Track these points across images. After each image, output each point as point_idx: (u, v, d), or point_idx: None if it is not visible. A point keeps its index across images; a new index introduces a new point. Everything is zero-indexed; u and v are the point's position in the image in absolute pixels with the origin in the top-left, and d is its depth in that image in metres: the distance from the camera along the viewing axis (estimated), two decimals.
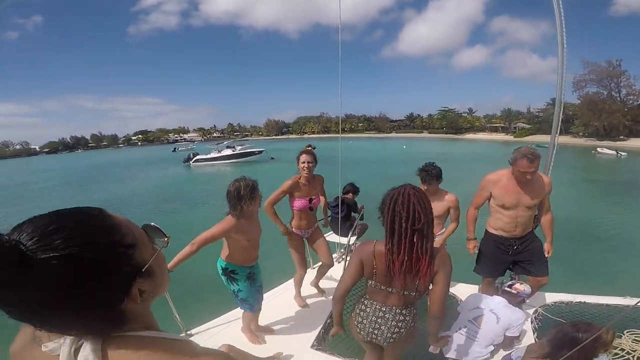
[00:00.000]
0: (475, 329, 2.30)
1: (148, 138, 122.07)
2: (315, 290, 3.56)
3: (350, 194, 4.57)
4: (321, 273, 3.51)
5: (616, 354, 2.32)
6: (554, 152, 3.39)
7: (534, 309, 3.04)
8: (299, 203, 3.10)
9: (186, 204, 16.53)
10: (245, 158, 36.06)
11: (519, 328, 2.31)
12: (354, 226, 4.15)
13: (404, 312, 1.73)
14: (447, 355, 2.38)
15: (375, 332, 1.75)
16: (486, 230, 2.98)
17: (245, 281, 2.57)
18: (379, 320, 1.74)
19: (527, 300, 2.79)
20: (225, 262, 2.55)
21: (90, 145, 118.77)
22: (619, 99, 52.74)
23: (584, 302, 3.09)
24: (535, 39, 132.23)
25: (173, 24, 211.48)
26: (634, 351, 2.38)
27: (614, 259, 7.60)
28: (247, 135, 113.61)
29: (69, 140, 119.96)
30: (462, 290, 3.32)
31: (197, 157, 36.09)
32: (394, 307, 1.72)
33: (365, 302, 1.80)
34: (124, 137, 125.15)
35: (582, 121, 52.41)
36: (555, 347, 1.70)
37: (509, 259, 2.89)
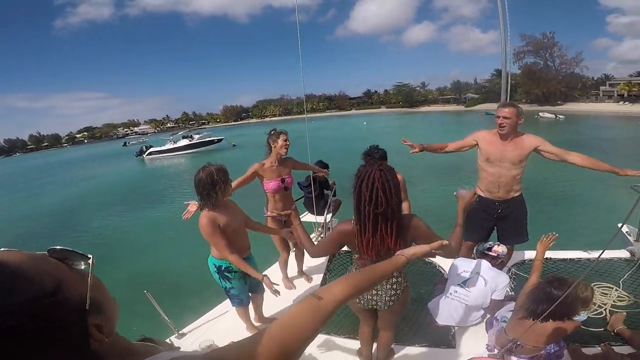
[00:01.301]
0: (465, 293, 2.34)
1: (94, 135, 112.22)
2: (298, 273, 3.55)
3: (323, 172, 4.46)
4: (300, 259, 3.48)
5: (589, 308, 2.46)
6: None
7: (507, 267, 3.16)
8: (271, 184, 2.97)
9: (150, 200, 15.64)
10: (204, 147, 34.14)
11: (503, 291, 2.37)
12: (328, 204, 4.10)
13: (395, 274, 1.76)
14: (441, 323, 2.41)
15: (375, 298, 1.80)
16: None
17: (240, 280, 2.44)
18: (376, 286, 1.75)
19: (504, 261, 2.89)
20: (218, 259, 2.36)
21: (29, 147, 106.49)
22: (554, 68, 58.39)
23: (551, 258, 3.26)
24: (475, 14, 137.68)
25: (106, 15, 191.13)
26: (605, 304, 2.53)
27: (568, 214, 8.25)
28: (204, 124, 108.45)
29: (3, 144, 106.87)
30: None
31: (151, 149, 33.88)
32: None
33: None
34: (67, 135, 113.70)
35: (524, 89, 56.84)
36: (537, 304, 1.74)
37: (491, 224, 3.01)
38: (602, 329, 2.33)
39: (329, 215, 4.15)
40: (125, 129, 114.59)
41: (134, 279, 7.15)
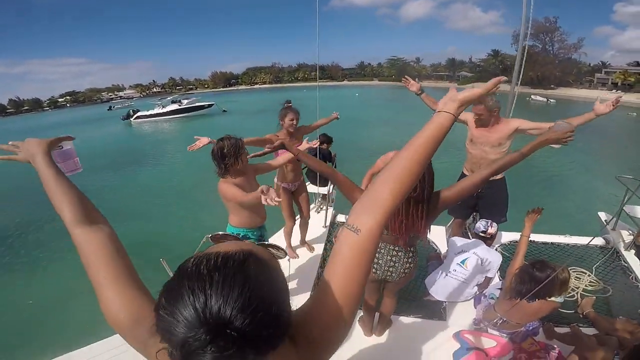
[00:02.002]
0: (463, 272, 2.56)
1: (78, 99, 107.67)
2: (301, 242, 3.73)
3: (325, 145, 4.62)
4: (304, 230, 3.65)
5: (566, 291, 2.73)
6: (515, 100, 3.49)
7: (494, 247, 3.41)
8: (282, 155, 3.05)
9: (141, 164, 15.50)
10: (194, 112, 33.75)
11: (495, 269, 2.58)
12: None
13: (412, 249, 1.97)
14: (439, 298, 2.64)
15: (390, 269, 1.97)
16: (461, 172, 3.32)
17: None
18: (393, 259, 1.94)
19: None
20: (236, 227, 2.48)
21: (8, 111, 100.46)
22: (552, 52, 58.49)
23: (534, 240, 3.52)
24: None
25: None
26: (577, 288, 2.81)
27: (554, 198, 8.63)
28: (191, 89, 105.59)
29: None
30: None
31: (139, 113, 33.14)
32: (404, 248, 1.93)
33: (381, 244, 1.95)
34: (48, 99, 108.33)
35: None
36: (522, 284, 1.97)
37: (472, 201, 3.25)
38: (573, 311, 2.61)
39: (330, 187, 4.37)
40: (110, 94, 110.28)
41: (133, 246, 7.33)
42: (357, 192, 1.73)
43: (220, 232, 0.68)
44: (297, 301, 1.99)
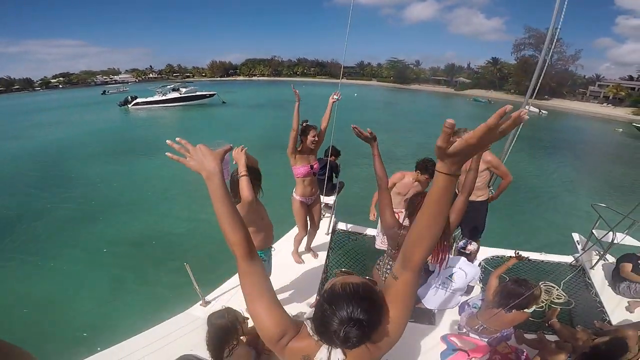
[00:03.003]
0: (451, 284, 2.98)
1: (71, 80, 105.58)
2: (306, 249, 4.11)
3: (333, 157, 4.95)
4: (311, 237, 4.03)
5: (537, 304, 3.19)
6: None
7: (478, 262, 3.87)
8: (302, 170, 3.41)
9: (140, 153, 15.30)
10: (194, 101, 33.50)
11: (476, 279, 3.05)
12: (338, 188, 4.80)
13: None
14: (429, 307, 3.08)
15: None
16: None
17: (268, 264, 2.81)
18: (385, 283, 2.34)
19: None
20: None
21: None
22: (549, 63, 57.86)
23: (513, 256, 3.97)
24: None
25: None
26: (546, 300, 3.29)
27: (534, 214, 9.17)
28: (188, 77, 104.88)
29: None
30: None
31: (137, 100, 32.81)
32: None
33: (390, 263, 2.41)
34: (40, 80, 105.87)
35: (515, 80, 57.65)
36: (503, 298, 2.41)
37: None
38: (540, 320, 3.08)
39: (334, 197, 4.77)
40: (105, 77, 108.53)
41: (135, 238, 7.41)
42: (387, 211, 2.19)
43: (344, 269, 1.10)
44: (304, 302, 2.49)
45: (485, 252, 4.10)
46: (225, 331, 2.00)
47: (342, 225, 4.62)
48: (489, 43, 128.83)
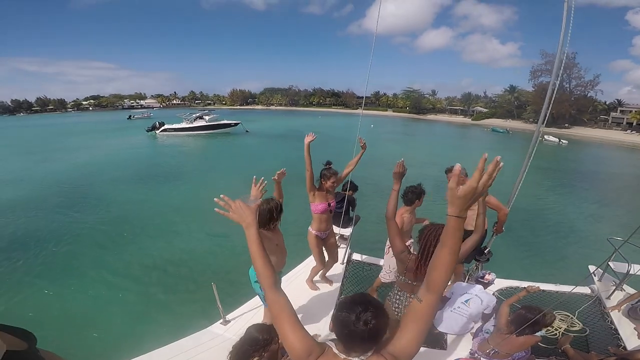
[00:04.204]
0: (466, 309, 3.08)
1: (100, 103, 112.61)
2: (321, 277, 4.23)
3: (351, 191, 5.11)
4: (328, 267, 4.18)
5: (548, 329, 3.23)
6: (537, 142, 3.79)
7: (492, 292, 3.93)
8: (320, 207, 3.65)
9: (168, 179, 15.81)
10: (219, 130, 34.58)
11: (492, 307, 3.12)
12: (354, 220, 4.94)
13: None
14: (443, 331, 3.16)
15: (402, 308, 2.51)
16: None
17: None
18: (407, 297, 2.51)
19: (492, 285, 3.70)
20: None
21: (34, 109, 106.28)
22: (568, 89, 57.04)
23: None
24: (497, 25, 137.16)
25: None
26: (559, 329, 3.32)
27: (551, 247, 9.00)
28: (209, 104, 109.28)
29: (9, 103, 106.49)
30: None
31: (166, 126, 33.97)
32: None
33: (399, 294, 2.55)
34: (73, 101, 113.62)
35: (533, 108, 56.23)
36: (517, 324, 2.52)
37: None
38: (554, 346, 3.12)
39: (350, 229, 4.92)
40: (132, 101, 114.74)
41: (161, 259, 7.78)
42: (397, 238, 2.43)
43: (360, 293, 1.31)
44: (318, 327, 2.67)
45: (500, 284, 4.15)
46: (257, 343, 2.11)
47: (357, 256, 4.77)
48: (505, 70, 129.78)
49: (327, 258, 4.08)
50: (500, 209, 3.80)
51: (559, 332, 3.29)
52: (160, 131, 33.70)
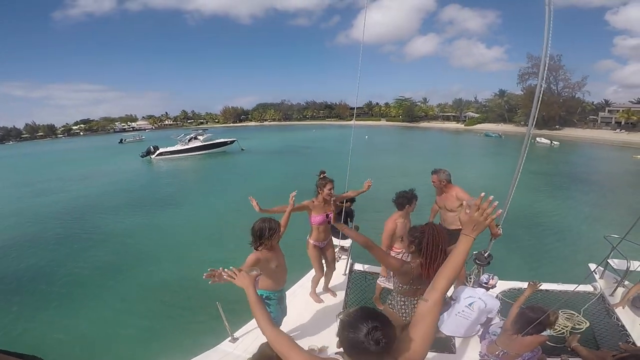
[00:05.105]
0: (470, 313, 3.12)
1: (91, 127, 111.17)
2: (324, 289, 4.28)
3: (349, 203, 5.18)
4: (328, 278, 4.22)
5: (555, 328, 3.26)
6: (528, 144, 3.57)
7: (496, 294, 3.97)
8: (318, 219, 3.75)
9: (166, 205, 15.57)
10: (215, 149, 34.28)
11: (496, 311, 3.16)
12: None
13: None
14: (448, 334, 3.19)
15: (410, 312, 2.52)
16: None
17: (277, 305, 3.06)
18: (415, 308, 2.43)
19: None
20: (260, 289, 2.92)
21: (23, 136, 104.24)
22: (556, 91, 58.23)
23: None
24: (482, 29, 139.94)
25: (107, 8, 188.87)
26: (566, 327, 3.36)
27: (551, 247, 9.09)
28: (202, 123, 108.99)
29: None
30: None
31: (160, 150, 33.21)
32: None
33: (403, 299, 2.56)
34: (62, 126, 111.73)
35: (524, 111, 56.96)
36: (521, 324, 2.54)
37: None
38: (563, 345, 3.15)
39: (350, 240, 4.93)
40: (123, 124, 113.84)
41: (166, 283, 7.82)
42: (390, 259, 2.46)
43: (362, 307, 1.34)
44: (324, 338, 2.73)
45: (503, 285, 4.20)
46: None
47: (358, 266, 4.82)
48: (492, 73, 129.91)
49: (325, 269, 4.13)
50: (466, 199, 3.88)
51: (566, 331, 3.33)
52: (156, 156, 32.96)
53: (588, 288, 4.07)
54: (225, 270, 1.79)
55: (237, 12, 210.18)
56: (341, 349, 1.29)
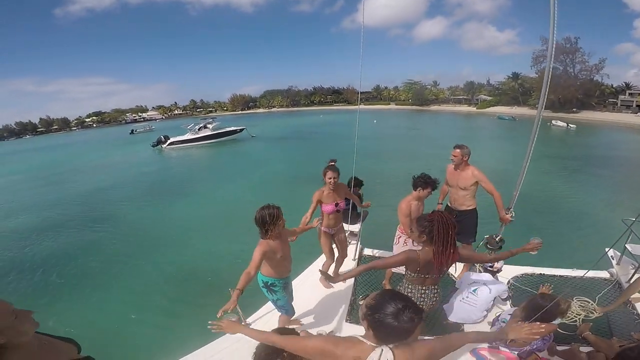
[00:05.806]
0: (475, 299, 3.09)
1: (104, 119, 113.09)
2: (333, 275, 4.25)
3: (356, 187, 5.09)
4: (339, 263, 4.23)
5: (568, 316, 3.20)
6: (539, 126, 3.46)
7: (507, 279, 3.92)
8: (328, 208, 3.75)
9: (180, 194, 15.84)
10: (225, 137, 34.43)
11: (504, 296, 3.13)
12: (362, 216, 4.94)
13: (436, 287, 2.56)
14: (454, 321, 3.16)
15: (422, 304, 2.52)
16: (446, 205, 4.26)
17: (283, 291, 3.09)
18: (423, 296, 2.52)
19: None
20: (265, 276, 3.02)
21: (39, 130, 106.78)
22: (573, 74, 56.39)
23: (543, 273, 4.05)
24: (492, 11, 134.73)
25: (106, 3, 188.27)
26: (579, 315, 3.29)
27: (567, 232, 8.94)
28: (211, 111, 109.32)
29: (13, 126, 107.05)
30: None
31: (171, 139, 33.51)
32: (430, 287, 2.52)
33: (410, 286, 2.54)
34: (76, 119, 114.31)
35: (539, 94, 55.14)
36: (530, 312, 2.49)
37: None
38: (574, 333, 3.10)
39: (360, 225, 4.94)
40: (134, 115, 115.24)
41: (179, 269, 8.05)
42: (392, 259, 2.56)
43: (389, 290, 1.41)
44: (333, 325, 2.75)
45: (516, 271, 4.13)
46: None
47: (368, 251, 4.82)
48: (505, 57, 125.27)
49: (336, 254, 4.15)
50: (492, 190, 3.79)
51: (579, 319, 3.27)
52: (167, 145, 33.33)
53: (604, 274, 3.98)
54: (213, 324, 2.03)
55: (237, 0, 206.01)
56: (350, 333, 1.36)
